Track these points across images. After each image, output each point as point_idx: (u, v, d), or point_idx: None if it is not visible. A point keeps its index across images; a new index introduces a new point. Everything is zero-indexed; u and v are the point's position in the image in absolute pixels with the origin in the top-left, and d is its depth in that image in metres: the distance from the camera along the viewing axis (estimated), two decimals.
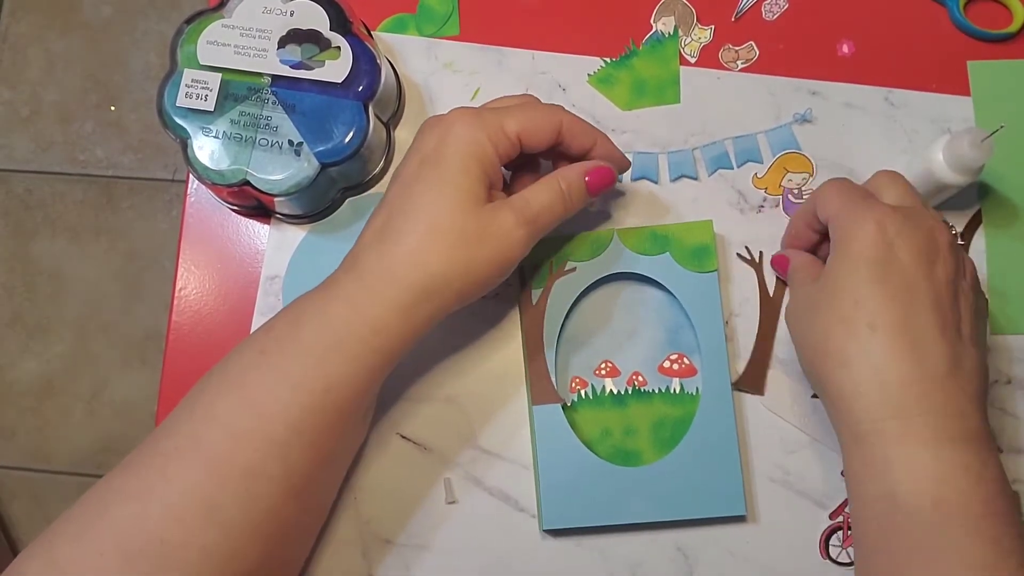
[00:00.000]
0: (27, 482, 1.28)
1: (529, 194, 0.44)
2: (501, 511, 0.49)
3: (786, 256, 0.49)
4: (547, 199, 0.44)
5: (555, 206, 0.44)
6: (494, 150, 0.43)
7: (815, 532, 0.48)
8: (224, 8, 0.49)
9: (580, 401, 0.49)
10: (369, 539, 0.48)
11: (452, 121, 0.43)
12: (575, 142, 0.46)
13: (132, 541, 0.37)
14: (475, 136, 0.42)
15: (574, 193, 0.45)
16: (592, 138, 0.46)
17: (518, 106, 0.45)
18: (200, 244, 0.52)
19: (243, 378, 0.40)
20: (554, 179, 0.45)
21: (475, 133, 0.42)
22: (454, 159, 0.42)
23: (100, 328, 1.30)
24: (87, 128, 1.34)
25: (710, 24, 0.54)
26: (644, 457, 0.48)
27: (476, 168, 0.42)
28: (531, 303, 0.49)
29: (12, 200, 1.33)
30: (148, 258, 1.31)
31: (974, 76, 0.53)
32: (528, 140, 0.44)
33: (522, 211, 0.43)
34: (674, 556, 0.48)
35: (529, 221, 0.43)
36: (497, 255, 0.42)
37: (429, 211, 0.41)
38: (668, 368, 0.49)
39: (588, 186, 0.45)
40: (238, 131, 0.47)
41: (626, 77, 0.53)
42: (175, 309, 0.52)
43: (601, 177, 0.46)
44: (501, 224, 0.42)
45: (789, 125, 0.53)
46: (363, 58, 0.48)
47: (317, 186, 0.48)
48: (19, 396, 1.29)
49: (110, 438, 1.27)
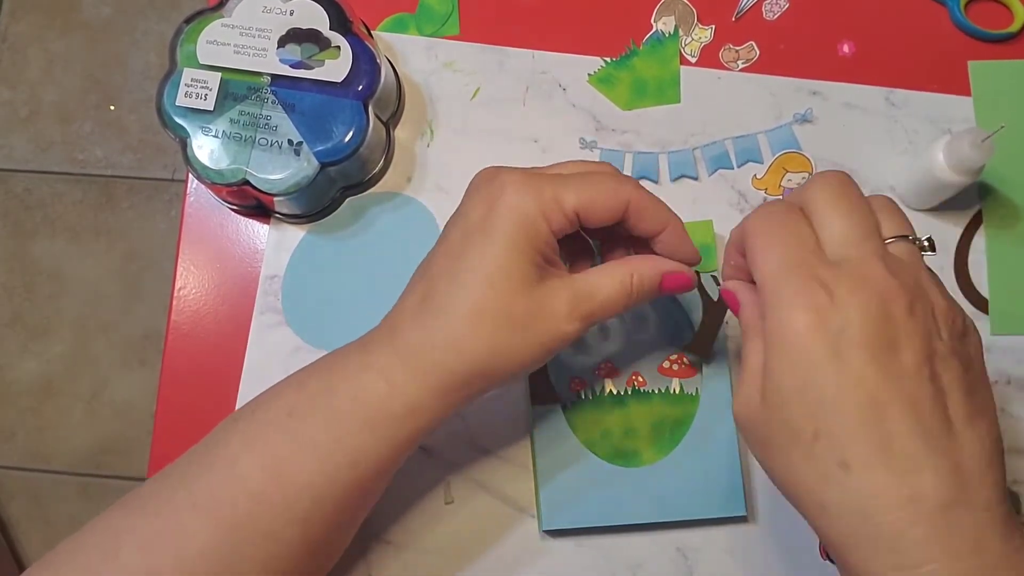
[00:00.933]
0: (27, 482, 1.28)
1: (593, 283, 0.39)
2: (501, 512, 0.49)
3: (732, 292, 0.41)
4: (611, 293, 0.39)
5: (617, 302, 0.39)
6: (547, 226, 0.38)
7: (815, 533, 0.48)
8: (224, 7, 0.49)
9: (580, 401, 0.49)
10: (369, 540, 0.48)
11: (503, 186, 0.39)
12: (642, 224, 0.40)
13: None
14: (525, 211, 0.38)
15: (643, 292, 0.40)
16: (663, 221, 0.41)
17: (581, 176, 0.40)
18: (199, 244, 0.52)
19: (268, 438, 0.38)
20: (626, 270, 0.40)
21: (525, 207, 0.38)
22: (502, 233, 0.38)
23: (99, 328, 1.30)
24: (86, 128, 1.34)
25: (711, 24, 0.54)
26: (644, 458, 0.48)
27: (526, 244, 0.38)
28: None
29: (11, 200, 1.33)
30: (147, 258, 1.31)
31: (975, 76, 0.53)
32: (588, 217, 0.39)
33: (579, 304, 0.39)
34: (674, 557, 0.48)
35: (585, 316, 0.39)
36: (544, 344, 0.38)
37: (473, 291, 0.38)
38: (668, 369, 0.49)
39: (663, 285, 0.41)
40: (238, 130, 0.47)
41: (626, 77, 0.53)
42: (174, 309, 0.51)
43: (680, 284, 0.41)
44: (553, 312, 0.38)
45: (789, 125, 0.53)
46: (363, 58, 0.48)
47: (316, 186, 0.48)
48: (19, 396, 1.29)
49: (109, 438, 1.27)
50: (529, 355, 0.38)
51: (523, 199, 0.38)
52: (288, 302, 0.51)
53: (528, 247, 0.38)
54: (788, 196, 0.39)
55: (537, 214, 0.38)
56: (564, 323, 0.38)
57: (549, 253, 0.39)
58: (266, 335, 0.51)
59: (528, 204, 0.38)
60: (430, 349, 0.38)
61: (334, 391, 0.39)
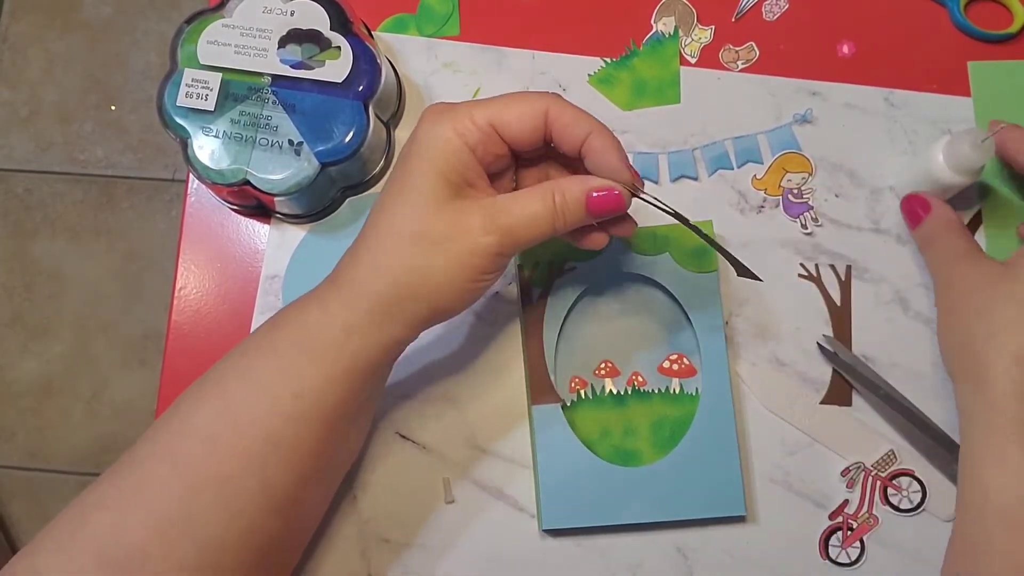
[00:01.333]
0: (27, 482, 1.28)
1: (512, 199, 0.39)
2: (500, 511, 0.49)
3: (928, 202, 0.49)
4: (532, 210, 0.39)
5: (540, 219, 0.39)
6: (463, 143, 0.39)
7: (815, 533, 0.48)
8: (224, 8, 0.49)
9: (580, 401, 0.49)
10: (368, 538, 0.48)
11: (421, 118, 0.40)
12: (566, 132, 0.39)
13: (112, 552, 0.37)
14: (438, 131, 0.39)
15: (569, 209, 0.39)
16: (586, 127, 0.39)
17: (498, 96, 0.40)
18: (200, 244, 0.52)
19: (222, 385, 0.40)
20: (548, 188, 0.39)
21: (439, 128, 0.39)
22: (415, 159, 0.39)
23: (100, 328, 1.30)
24: (87, 128, 1.34)
25: (710, 24, 0.54)
26: (644, 457, 0.48)
27: (443, 164, 0.39)
28: (531, 302, 0.49)
29: (12, 200, 1.33)
30: (148, 258, 1.31)
31: (974, 77, 0.53)
32: (505, 130, 0.39)
33: (494, 216, 0.39)
34: (674, 556, 0.48)
35: (501, 229, 0.38)
36: (459, 261, 0.38)
37: (387, 215, 0.39)
38: (668, 368, 0.49)
39: (588, 205, 0.39)
40: (238, 131, 0.47)
41: (626, 77, 0.53)
42: (175, 309, 0.52)
43: (608, 203, 0.39)
44: (466, 227, 0.38)
45: (789, 125, 0.53)
46: (363, 58, 0.48)
47: (317, 186, 0.48)
48: (19, 396, 1.29)
49: (109, 438, 1.27)
50: (447, 273, 0.39)
51: (436, 120, 0.39)
52: (289, 302, 0.51)
53: (444, 166, 0.39)
54: None
55: (450, 132, 0.39)
56: (479, 235, 0.38)
57: (469, 174, 0.39)
58: None
59: (441, 124, 0.39)
60: (355, 274, 0.39)
61: (278, 326, 0.40)
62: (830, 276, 0.51)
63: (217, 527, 0.38)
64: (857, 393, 0.50)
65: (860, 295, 0.51)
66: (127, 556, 0.37)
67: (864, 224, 0.52)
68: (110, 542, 0.37)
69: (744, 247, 0.51)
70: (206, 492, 0.38)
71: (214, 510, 0.38)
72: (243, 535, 0.38)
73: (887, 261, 0.51)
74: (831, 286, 0.51)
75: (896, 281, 0.51)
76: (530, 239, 0.39)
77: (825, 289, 0.51)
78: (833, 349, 0.49)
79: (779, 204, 0.52)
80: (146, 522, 0.37)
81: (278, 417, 0.38)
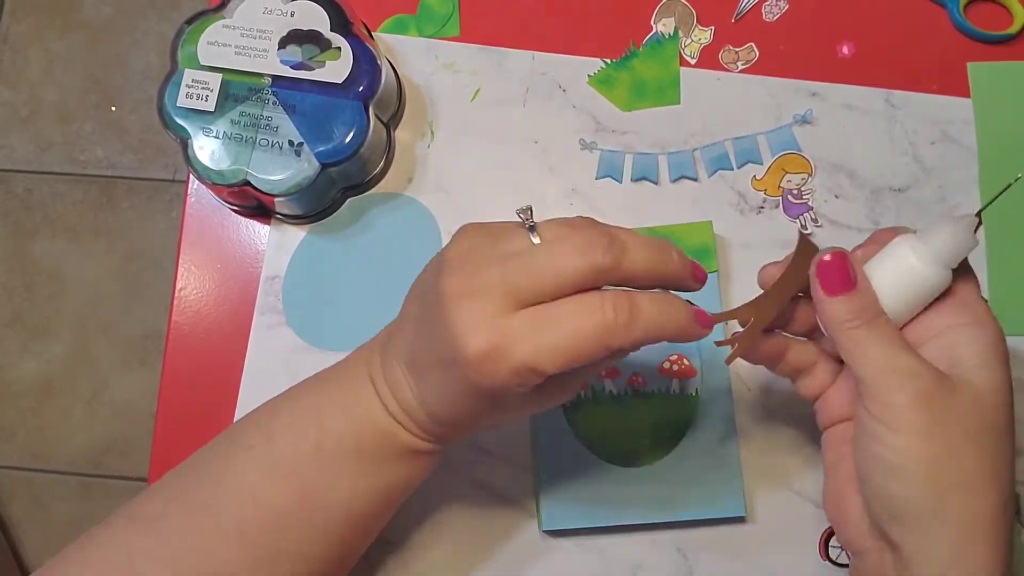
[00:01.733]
0: (27, 482, 1.28)
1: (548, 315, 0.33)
2: (501, 512, 0.49)
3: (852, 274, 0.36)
4: (572, 326, 0.33)
5: (583, 335, 0.33)
6: None
7: (815, 533, 0.48)
8: (225, 8, 0.49)
9: (580, 401, 0.49)
10: None
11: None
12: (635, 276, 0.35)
13: None
14: None
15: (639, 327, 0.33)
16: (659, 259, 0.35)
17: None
18: (200, 244, 0.52)
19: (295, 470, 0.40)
20: (602, 297, 0.33)
21: None
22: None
23: (100, 328, 1.30)
24: (87, 128, 1.34)
25: (710, 25, 0.54)
26: (644, 458, 0.48)
27: None
28: None
29: (12, 200, 1.33)
30: (148, 258, 1.31)
31: (974, 77, 0.53)
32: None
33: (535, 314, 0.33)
34: (674, 557, 0.48)
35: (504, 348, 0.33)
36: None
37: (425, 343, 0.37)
38: (668, 369, 0.49)
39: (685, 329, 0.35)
40: (238, 131, 0.47)
41: (626, 78, 0.53)
42: (175, 309, 0.52)
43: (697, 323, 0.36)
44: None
45: (789, 126, 0.53)
46: (363, 59, 0.48)
47: (317, 186, 0.48)
48: (19, 396, 1.29)
49: (110, 438, 1.27)
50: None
51: None
52: (289, 303, 0.51)
53: None
54: None
55: None
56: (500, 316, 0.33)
57: None
58: (267, 336, 0.51)
59: None
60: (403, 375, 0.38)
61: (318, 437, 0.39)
62: None
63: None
64: None
65: None
66: None
67: (864, 225, 0.52)
68: None
69: (744, 248, 0.51)
70: (275, 564, 0.38)
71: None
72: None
73: None
74: None
75: None
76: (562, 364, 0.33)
77: None
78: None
79: (779, 205, 0.52)
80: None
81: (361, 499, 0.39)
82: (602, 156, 0.53)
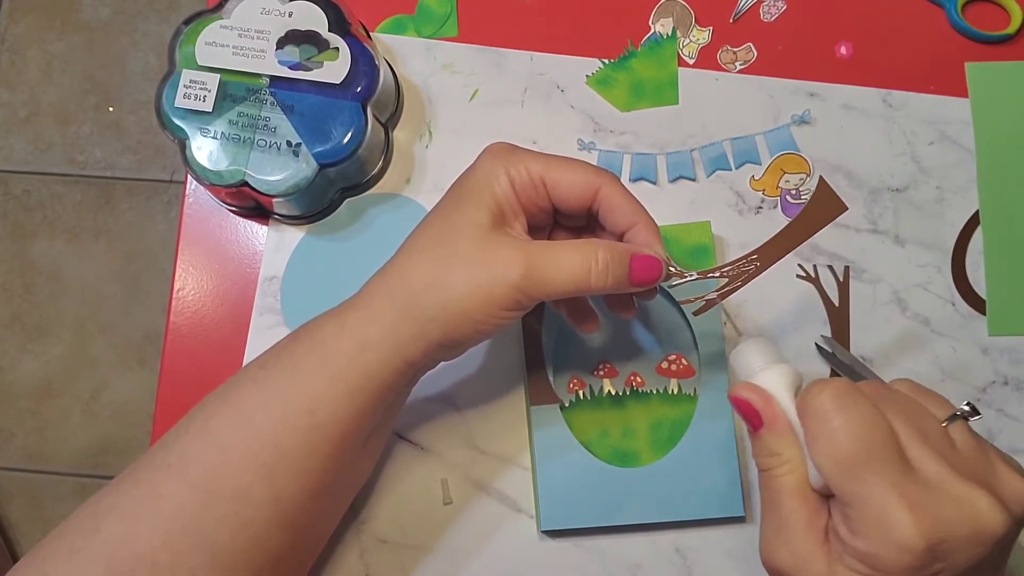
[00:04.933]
0: (26, 483, 1.27)
1: (549, 244, 0.39)
2: (499, 512, 0.49)
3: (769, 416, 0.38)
4: (569, 262, 0.38)
5: (575, 273, 0.38)
6: (510, 185, 0.39)
7: None
8: (222, 9, 0.49)
9: (578, 402, 0.49)
10: (366, 539, 0.48)
11: (482, 153, 0.41)
12: (611, 215, 0.40)
13: (122, 563, 0.37)
14: (492, 167, 0.40)
15: (611, 272, 0.38)
16: (634, 217, 0.40)
17: (558, 156, 0.41)
18: (198, 245, 0.52)
19: (239, 395, 0.40)
20: (590, 243, 0.39)
21: (493, 164, 0.40)
22: (464, 188, 0.40)
23: (99, 329, 1.30)
24: (85, 129, 1.34)
25: (708, 25, 0.54)
26: (642, 458, 0.48)
27: (485, 197, 0.39)
28: None
29: (10, 201, 1.33)
30: (146, 259, 1.31)
31: (972, 78, 0.53)
32: (555, 190, 0.40)
33: (528, 254, 0.38)
34: (673, 557, 0.48)
35: (530, 267, 0.38)
36: (479, 286, 0.38)
37: (423, 232, 0.40)
38: (666, 369, 0.49)
39: (632, 270, 0.39)
40: (236, 132, 0.47)
41: (624, 78, 0.53)
42: (173, 310, 0.52)
43: (649, 268, 0.39)
44: (495, 256, 0.38)
45: (787, 126, 0.53)
46: (362, 59, 0.48)
47: (315, 187, 0.48)
48: (18, 397, 1.29)
49: (108, 439, 1.27)
50: (464, 296, 0.38)
51: (491, 159, 0.40)
52: (287, 303, 0.51)
53: (489, 197, 0.39)
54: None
55: (501, 172, 0.39)
56: (505, 266, 0.38)
57: (509, 213, 0.40)
58: (265, 336, 0.51)
59: (495, 163, 0.40)
60: (376, 287, 0.40)
61: (298, 339, 0.40)
62: (828, 277, 0.51)
63: (226, 536, 0.38)
64: None
65: (858, 296, 0.51)
66: (136, 565, 0.37)
67: (862, 225, 0.52)
68: (120, 551, 0.37)
69: (742, 248, 0.51)
70: (217, 502, 0.38)
71: (224, 520, 0.38)
72: (251, 546, 0.38)
73: (885, 262, 0.51)
74: (829, 287, 0.51)
75: (894, 282, 0.51)
76: (559, 291, 0.38)
77: (823, 290, 0.51)
78: (831, 349, 0.49)
79: (777, 205, 0.52)
80: (156, 531, 0.37)
81: (290, 430, 0.38)
82: (600, 156, 0.53)
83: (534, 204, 0.40)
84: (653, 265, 0.39)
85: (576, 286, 0.38)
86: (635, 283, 0.39)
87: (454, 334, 0.39)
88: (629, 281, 0.39)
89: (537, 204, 0.40)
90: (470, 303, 0.38)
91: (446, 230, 0.39)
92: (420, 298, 0.38)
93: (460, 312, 0.38)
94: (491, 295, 0.38)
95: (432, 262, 0.39)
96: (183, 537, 0.37)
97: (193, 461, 0.38)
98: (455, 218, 0.39)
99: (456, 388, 0.50)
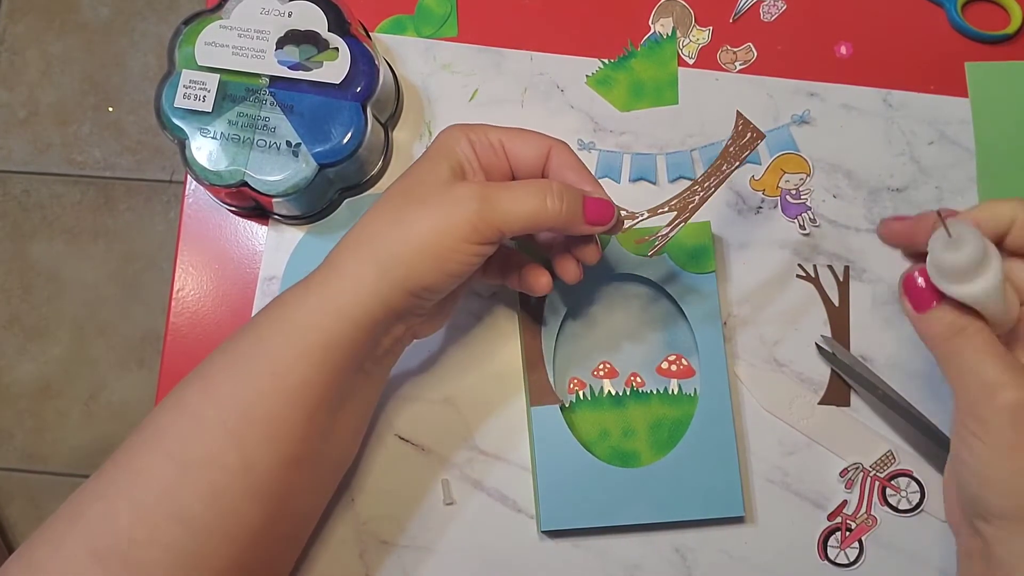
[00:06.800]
0: (25, 483, 1.27)
1: (509, 184, 0.41)
2: (499, 512, 0.49)
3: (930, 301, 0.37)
4: (525, 192, 0.40)
5: (532, 202, 0.40)
6: (470, 146, 0.42)
7: (813, 533, 0.48)
8: (222, 9, 0.49)
9: (578, 402, 0.49)
10: (366, 540, 0.48)
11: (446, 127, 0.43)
12: (562, 173, 0.42)
13: (102, 542, 0.37)
14: (453, 132, 0.42)
15: (566, 204, 0.40)
16: (584, 177, 0.43)
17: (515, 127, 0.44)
18: (198, 245, 0.52)
19: (209, 366, 0.40)
20: (547, 181, 0.41)
21: (454, 131, 0.42)
22: (427, 152, 0.42)
23: (98, 330, 1.29)
24: (85, 129, 1.34)
25: (708, 25, 0.54)
26: (642, 458, 0.48)
27: (446, 155, 0.41)
28: (530, 304, 0.49)
29: (10, 202, 1.33)
30: (146, 259, 1.31)
31: (972, 77, 0.53)
32: (511, 152, 0.43)
33: (484, 190, 0.39)
34: (672, 557, 0.48)
35: (490, 199, 0.39)
36: (439, 218, 0.39)
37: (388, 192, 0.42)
38: (666, 369, 0.49)
39: (587, 209, 0.41)
40: (236, 132, 0.47)
41: (624, 78, 0.53)
42: (173, 310, 0.52)
43: (602, 207, 0.41)
44: (455, 194, 0.39)
45: (787, 126, 0.53)
46: (361, 59, 0.48)
47: (315, 187, 0.48)
48: (17, 398, 1.29)
49: (108, 440, 1.27)
50: (428, 227, 0.39)
51: (454, 128, 0.43)
52: None
53: (450, 155, 0.41)
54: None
55: (462, 136, 0.42)
56: (463, 198, 0.39)
57: (468, 170, 0.42)
58: None
59: (456, 130, 0.42)
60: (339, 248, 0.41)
61: (265, 308, 0.41)
62: (828, 277, 0.51)
63: (200, 507, 0.38)
64: (855, 393, 0.50)
65: (858, 295, 0.51)
66: (114, 543, 0.37)
67: (862, 225, 0.52)
68: (99, 531, 0.37)
69: (742, 248, 0.51)
70: (190, 471, 0.38)
71: (197, 489, 0.38)
72: (226, 518, 0.38)
73: (885, 261, 0.51)
74: (829, 287, 0.51)
75: (894, 281, 0.51)
76: (516, 216, 0.39)
77: (823, 290, 0.51)
78: (831, 349, 0.50)
79: (777, 205, 0.52)
80: (133, 506, 0.37)
81: (254, 393, 0.39)
82: (600, 156, 0.53)
83: (493, 166, 0.42)
84: (606, 205, 0.42)
85: (533, 214, 0.40)
86: (590, 221, 0.41)
87: (419, 275, 0.39)
88: (584, 219, 0.41)
89: (495, 165, 0.43)
90: (431, 234, 0.39)
91: (407, 185, 0.41)
92: (381, 239, 0.39)
93: (421, 246, 0.39)
94: (450, 225, 0.39)
95: (393, 211, 0.40)
96: (157, 508, 0.37)
97: (166, 432, 0.39)
98: (416, 174, 0.41)
99: (456, 388, 0.50)
